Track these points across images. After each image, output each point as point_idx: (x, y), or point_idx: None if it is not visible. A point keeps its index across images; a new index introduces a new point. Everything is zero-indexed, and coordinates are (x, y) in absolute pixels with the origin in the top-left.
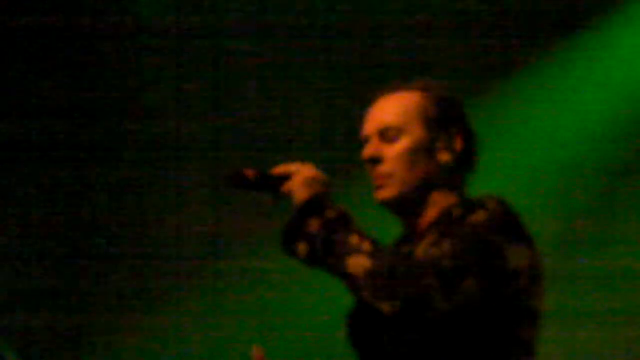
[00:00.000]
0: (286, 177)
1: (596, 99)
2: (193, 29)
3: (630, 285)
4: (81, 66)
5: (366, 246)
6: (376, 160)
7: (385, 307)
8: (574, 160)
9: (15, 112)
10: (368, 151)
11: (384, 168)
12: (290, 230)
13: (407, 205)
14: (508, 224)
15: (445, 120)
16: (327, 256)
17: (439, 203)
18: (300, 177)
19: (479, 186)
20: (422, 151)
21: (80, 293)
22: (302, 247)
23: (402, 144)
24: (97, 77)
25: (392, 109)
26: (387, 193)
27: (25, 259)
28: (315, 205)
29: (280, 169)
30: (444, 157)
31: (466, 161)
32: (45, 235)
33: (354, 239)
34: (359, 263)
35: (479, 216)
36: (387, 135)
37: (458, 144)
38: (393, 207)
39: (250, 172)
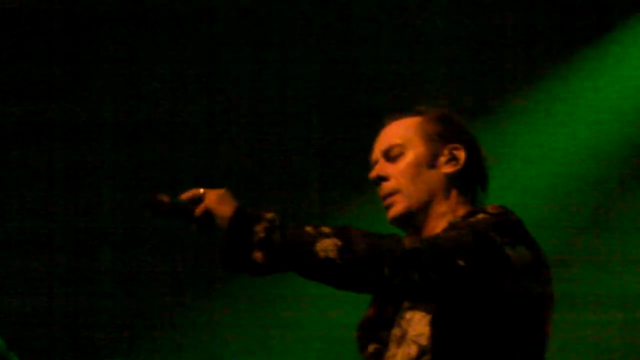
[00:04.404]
0: (197, 200)
1: (594, 116)
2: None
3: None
4: (76, 48)
5: (325, 230)
6: (382, 179)
7: (373, 276)
8: (572, 173)
9: (12, 95)
10: (373, 172)
11: (389, 184)
12: (236, 244)
13: (416, 220)
14: (508, 226)
15: (446, 134)
16: (289, 254)
17: (448, 216)
18: (213, 195)
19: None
20: (425, 165)
21: (76, 277)
22: (258, 256)
23: (405, 160)
24: (91, 61)
25: (394, 131)
26: (395, 209)
27: (21, 242)
28: (247, 213)
29: (188, 193)
30: (448, 168)
31: (472, 173)
32: (41, 219)
33: (309, 229)
34: (327, 246)
35: (479, 217)
36: (391, 154)
37: (461, 155)
38: (403, 223)
39: (165, 198)
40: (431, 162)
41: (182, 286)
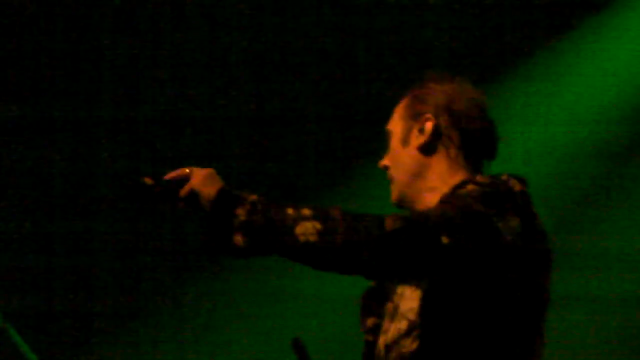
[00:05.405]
0: (183, 180)
1: (592, 86)
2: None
3: (625, 267)
4: (76, 48)
5: (306, 212)
6: (385, 168)
7: (353, 260)
8: (570, 144)
9: (12, 95)
10: (381, 161)
11: (389, 174)
12: (218, 226)
13: (409, 201)
14: (496, 196)
15: (419, 109)
16: (270, 238)
17: (439, 188)
18: (199, 175)
19: None
20: (400, 145)
21: (77, 274)
22: (238, 239)
23: (390, 146)
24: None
25: (394, 115)
26: (392, 197)
27: (23, 240)
28: (229, 196)
29: (174, 173)
30: (417, 140)
31: (447, 139)
32: (43, 217)
33: (290, 210)
34: (307, 229)
35: (468, 188)
36: (389, 140)
37: (427, 125)
38: (403, 208)
39: (149, 180)
40: (404, 140)
41: (182, 286)
